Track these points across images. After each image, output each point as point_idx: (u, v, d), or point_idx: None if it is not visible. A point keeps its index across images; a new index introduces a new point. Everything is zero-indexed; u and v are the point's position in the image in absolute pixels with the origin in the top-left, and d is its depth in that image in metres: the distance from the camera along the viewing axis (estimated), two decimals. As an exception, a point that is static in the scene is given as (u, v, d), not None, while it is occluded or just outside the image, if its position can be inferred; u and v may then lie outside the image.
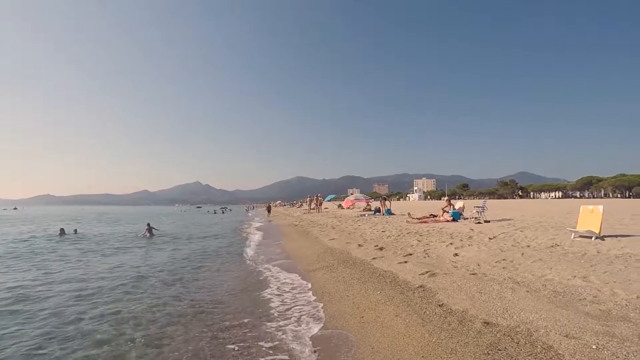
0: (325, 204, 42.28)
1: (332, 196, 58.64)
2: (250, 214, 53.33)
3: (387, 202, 22.83)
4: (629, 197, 72.30)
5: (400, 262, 6.75)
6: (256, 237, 16.48)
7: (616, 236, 7.80)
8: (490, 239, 8.54)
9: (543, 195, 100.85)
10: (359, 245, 9.48)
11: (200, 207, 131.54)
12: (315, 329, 4.24)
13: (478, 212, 13.25)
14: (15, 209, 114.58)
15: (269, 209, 44.01)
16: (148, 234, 17.34)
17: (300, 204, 63.87)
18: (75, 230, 19.32)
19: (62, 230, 18.25)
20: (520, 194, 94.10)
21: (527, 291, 4.37)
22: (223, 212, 63.42)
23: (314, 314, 4.77)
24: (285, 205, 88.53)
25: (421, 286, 5.03)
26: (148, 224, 18.43)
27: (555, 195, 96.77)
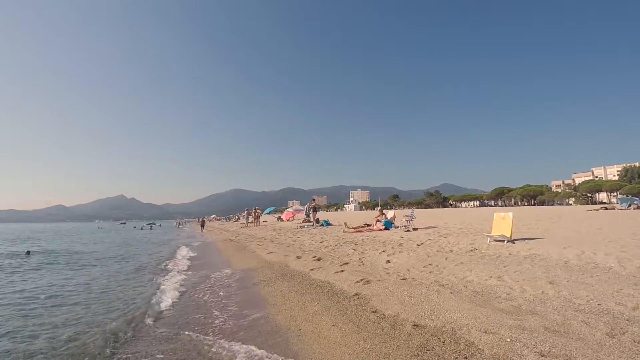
0: (264, 217, 41.49)
1: (272, 208, 57.79)
2: (181, 230, 49.89)
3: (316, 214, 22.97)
4: (534, 204, 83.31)
5: (337, 272, 6.81)
6: (185, 253, 15.40)
7: (524, 239, 8.87)
8: (418, 245, 9.11)
9: (463, 204, 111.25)
10: (298, 257, 9.40)
11: (125, 223, 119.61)
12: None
13: (407, 220, 14.09)
14: None
15: (202, 224, 41.84)
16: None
17: (237, 217, 61.82)
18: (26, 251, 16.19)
19: None
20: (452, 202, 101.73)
21: (451, 292, 4.69)
22: (151, 228, 58.42)
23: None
24: (220, 219, 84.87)
25: (356, 294, 5.11)
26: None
27: (473, 204, 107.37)
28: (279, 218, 37.88)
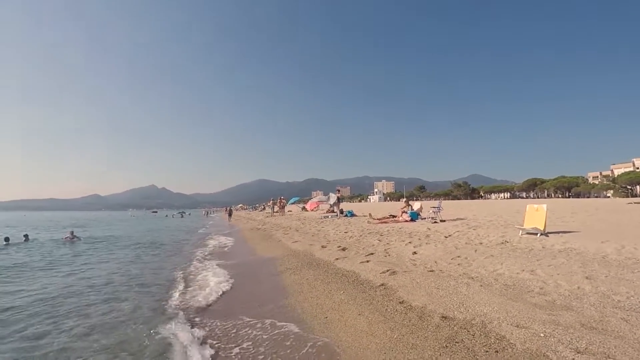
0: (289, 207, 42.01)
1: (296, 199, 58.41)
2: (209, 219, 51.55)
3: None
4: (569, 196, 79.29)
5: (362, 262, 6.82)
6: (215, 241, 15.92)
7: (559, 232, 8.50)
8: (446, 237, 8.94)
9: (493, 196, 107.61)
10: (323, 246, 9.48)
11: (156, 212, 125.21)
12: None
13: (434, 212, 13.83)
14: None
15: (230, 213, 42.86)
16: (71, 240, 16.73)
17: (262, 207, 62.94)
18: (73, 234, 17.57)
19: (24, 235, 17.02)
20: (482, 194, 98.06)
21: (481, 285, 4.59)
22: (182, 217, 61.06)
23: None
24: (247, 208, 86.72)
25: (382, 284, 5.11)
26: (71, 232, 17.89)
27: (504, 196, 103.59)
28: (303, 208, 38.23)
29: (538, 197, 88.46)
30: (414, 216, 14.24)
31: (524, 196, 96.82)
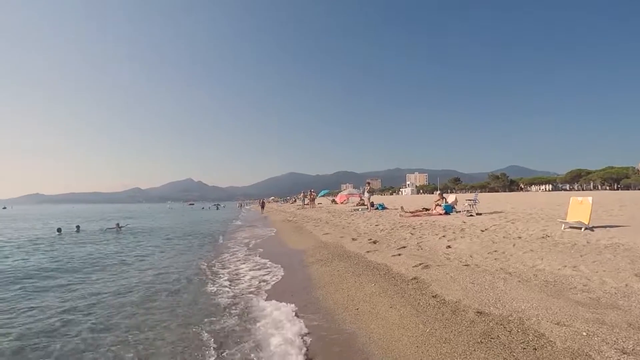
0: (319, 199, 42.31)
1: (326, 191, 58.67)
2: (243, 210, 53.26)
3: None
4: (617, 189, 73.56)
5: (394, 255, 6.79)
6: (250, 232, 16.42)
7: (605, 227, 7.96)
8: (482, 231, 8.65)
9: (533, 188, 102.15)
10: (353, 239, 9.51)
11: (193, 204, 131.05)
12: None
13: (470, 205, 13.39)
14: (4, 208, 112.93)
15: (262, 205, 43.96)
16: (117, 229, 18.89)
17: (293, 199, 63.86)
18: (119, 225, 19.75)
19: (77, 227, 19.41)
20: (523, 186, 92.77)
21: (519, 281, 4.43)
22: (217, 209, 63.92)
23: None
24: (278, 201, 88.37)
25: (415, 278, 5.07)
26: (117, 224, 19.98)
27: (545, 188, 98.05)
28: (333, 201, 38.36)
29: (583, 189, 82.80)
30: (448, 209, 13.87)
31: (567, 188, 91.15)
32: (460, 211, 13.94)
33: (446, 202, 14.66)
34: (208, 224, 24.81)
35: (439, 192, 17.30)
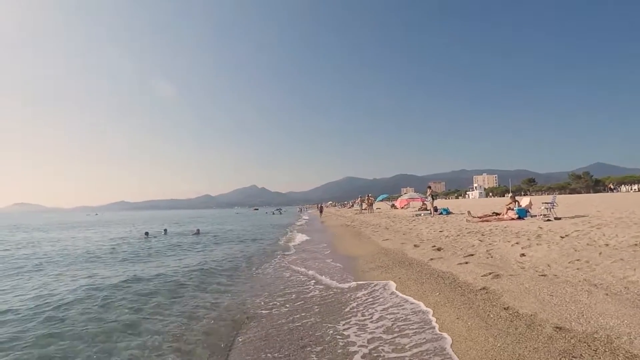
0: (377, 204, 41.78)
1: (385, 196, 57.66)
2: (303, 215, 55.01)
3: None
4: None
5: (461, 263, 6.49)
6: (311, 236, 16.82)
7: None
8: (561, 237, 7.85)
9: (623, 188, 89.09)
10: (415, 245, 9.27)
11: (257, 209, 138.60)
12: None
13: (547, 208, 12.22)
14: (96, 214, 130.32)
15: (321, 210, 44.82)
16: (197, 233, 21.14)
17: (351, 204, 63.88)
18: (199, 231, 22.25)
19: (164, 230, 22.48)
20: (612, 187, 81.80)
21: (607, 294, 3.97)
22: (280, 213, 67.41)
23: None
24: (335, 205, 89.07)
25: (484, 288, 4.81)
26: (197, 229, 22.23)
27: (637, 188, 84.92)
28: (393, 205, 37.54)
29: (692, 189, 69.99)
30: (522, 213, 12.78)
31: (667, 188, 77.75)
32: (535, 215, 12.78)
33: (519, 205, 13.52)
34: (272, 228, 26.30)
35: (511, 194, 16.06)
